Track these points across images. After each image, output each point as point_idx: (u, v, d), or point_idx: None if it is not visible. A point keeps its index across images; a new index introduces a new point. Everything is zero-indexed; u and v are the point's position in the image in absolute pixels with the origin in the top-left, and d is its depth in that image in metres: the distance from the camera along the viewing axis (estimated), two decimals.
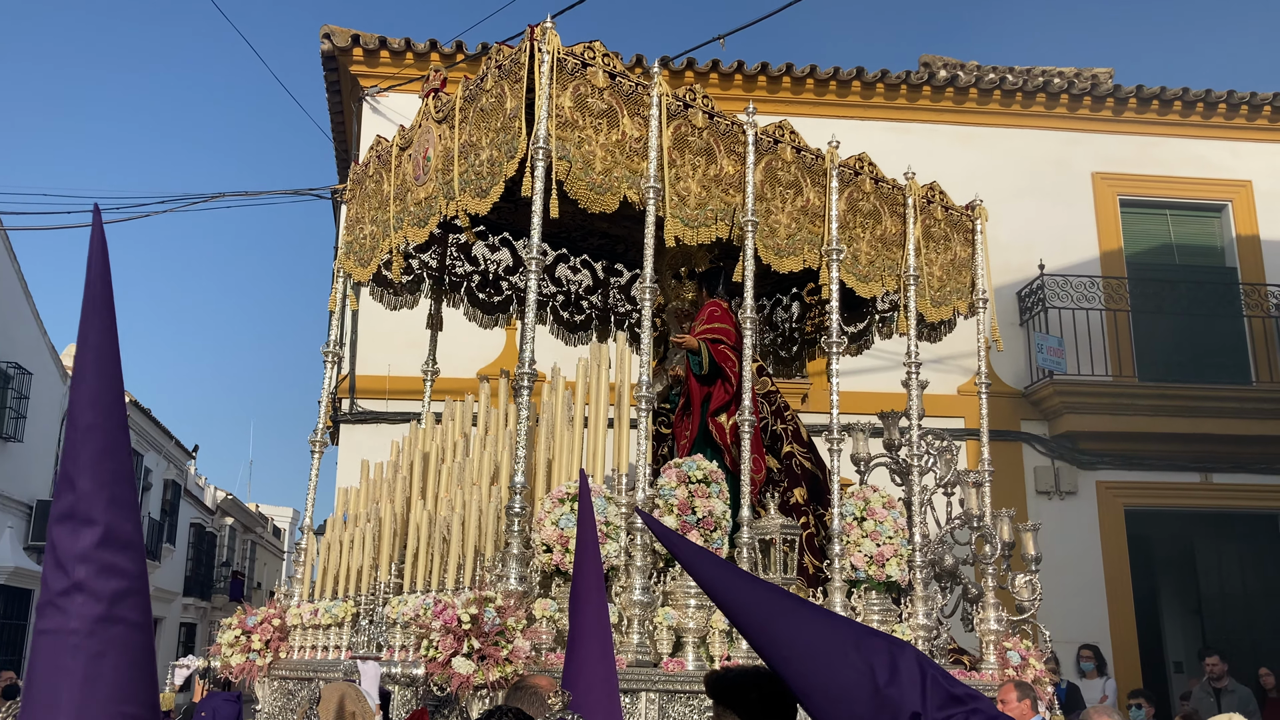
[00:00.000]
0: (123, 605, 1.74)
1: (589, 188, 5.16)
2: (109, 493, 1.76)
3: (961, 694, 2.25)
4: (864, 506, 6.03)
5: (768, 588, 2.47)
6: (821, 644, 2.28)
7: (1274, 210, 13.96)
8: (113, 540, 1.75)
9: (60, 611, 1.71)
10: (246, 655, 6.57)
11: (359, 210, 6.81)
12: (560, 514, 4.76)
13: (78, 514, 1.74)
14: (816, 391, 12.19)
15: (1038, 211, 13.18)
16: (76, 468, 1.76)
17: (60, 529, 1.76)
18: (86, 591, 1.72)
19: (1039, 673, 6.81)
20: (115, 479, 1.78)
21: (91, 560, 1.73)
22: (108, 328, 1.84)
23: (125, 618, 1.74)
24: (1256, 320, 13.39)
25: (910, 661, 2.24)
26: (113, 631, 1.72)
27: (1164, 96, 13.83)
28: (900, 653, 2.26)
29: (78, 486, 1.75)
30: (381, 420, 11.98)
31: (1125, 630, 12.51)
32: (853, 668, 2.22)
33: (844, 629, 2.35)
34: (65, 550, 1.74)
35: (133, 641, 1.75)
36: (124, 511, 1.78)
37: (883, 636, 2.35)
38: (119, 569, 1.74)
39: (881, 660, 2.22)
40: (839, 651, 2.25)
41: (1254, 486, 12.90)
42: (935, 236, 6.82)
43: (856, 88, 13.47)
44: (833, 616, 2.40)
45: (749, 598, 2.39)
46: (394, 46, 12.83)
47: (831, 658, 2.25)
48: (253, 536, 38.82)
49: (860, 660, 2.23)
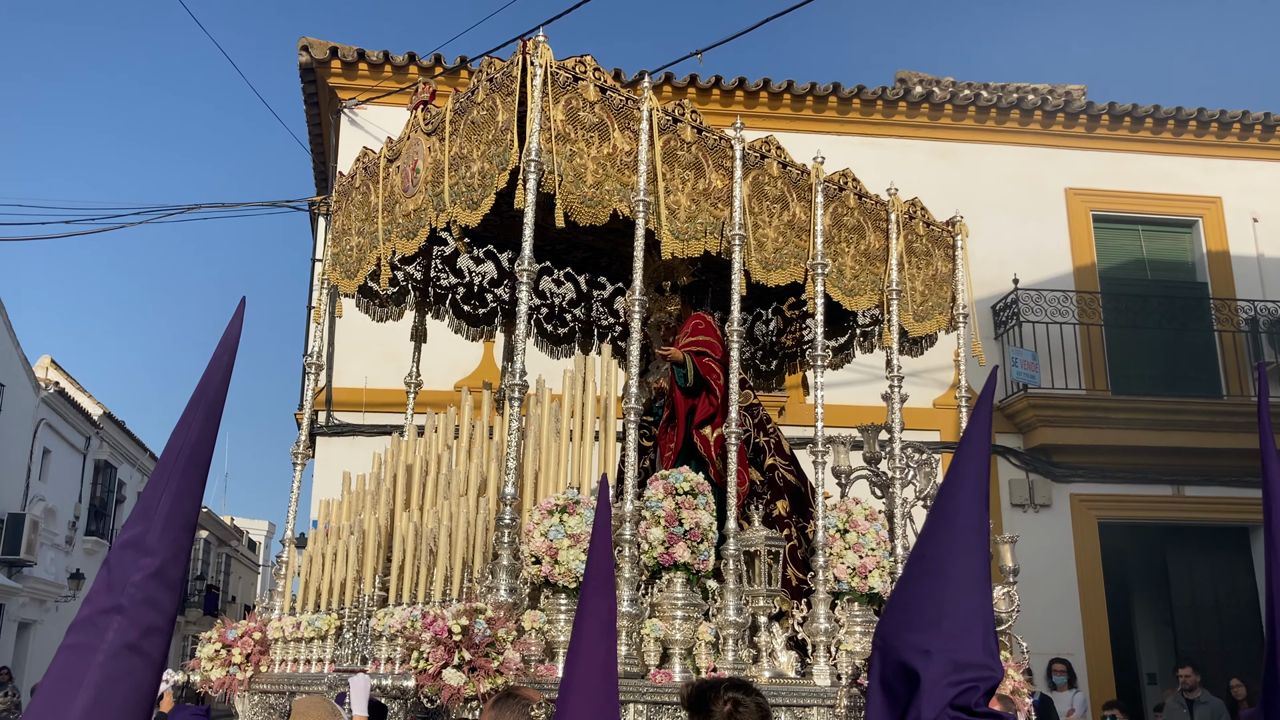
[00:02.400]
0: (151, 640, 1.80)
1: (580, 201, 5.18)
2: (174, 535, 1.86)
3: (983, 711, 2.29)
4: (847, 519, 6.06)
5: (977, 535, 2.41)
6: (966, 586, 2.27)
7: (1243, 226, 14.18)
8: (164, 577, 1.83)
9: (96, 629, 1.77)
10: (227, 669, 6.52)
11: (345, 222, 6.81)
12: (549, 525, 4.77)
13: (143, 544, 1.83)
14: (794, 405, 12.25)
15: (1012, 226, 13.33)
16: (158, 503, 1.86)
17: (123, 553, 1.84)
18: (127, 616, 1.78)
19: (1017, 684, 6.86)
20: (183, 525, 1.88)
21: (141, 589, 1.81)
22: (225, 382, 1.97)
23: (149, 652, 1.80)
24: (1227, 335, 13.57)
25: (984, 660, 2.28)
26: (134, 662, 1.78)
27: (1136, 114, 14.03)
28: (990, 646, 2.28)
29: (152, 519, 1.85)
30: (359, 433, 11.95)
31: (1099, 642, 12.62)
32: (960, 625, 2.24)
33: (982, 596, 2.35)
34: (120, 573, 1.82)
35: (147, 677, 1.81)
36: (181, 556, 1.87)
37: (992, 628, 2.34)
38: (160, 605, 1.82)
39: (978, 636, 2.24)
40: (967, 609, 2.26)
41: (1225, 499, 13.06)
42: (917, 252, 6.88)
43: (833, 103, 13.59)
44: (982, 582, 2.36)
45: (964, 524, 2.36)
46: (372, 59, 12.83)
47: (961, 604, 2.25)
48: (228, 550, 38.56)
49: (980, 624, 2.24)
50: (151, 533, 1.83)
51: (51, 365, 24.08)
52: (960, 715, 2.25)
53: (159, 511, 1.85)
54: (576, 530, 4.78)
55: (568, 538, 4.76)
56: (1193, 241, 14.41)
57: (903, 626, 2.31)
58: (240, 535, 40.95)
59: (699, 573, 5.23)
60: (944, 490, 2.41)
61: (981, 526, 2.36)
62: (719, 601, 5.35)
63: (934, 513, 2.40)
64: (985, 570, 2.35)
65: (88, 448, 24.56)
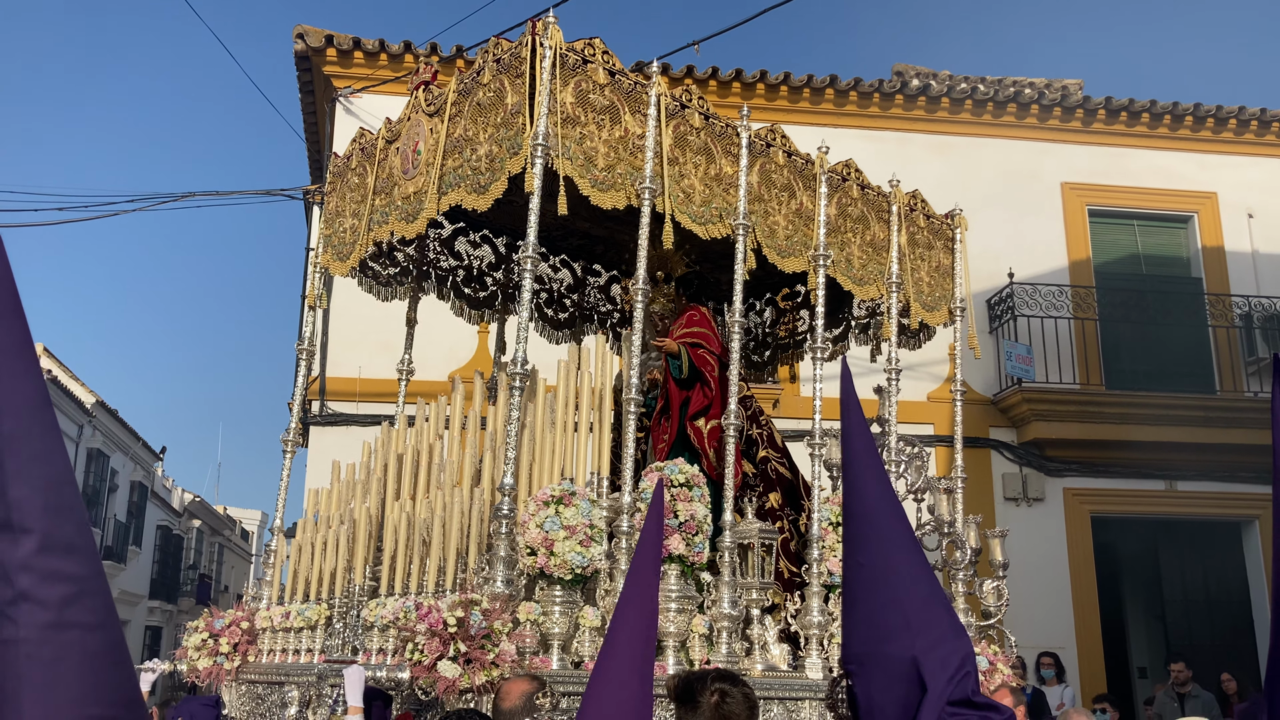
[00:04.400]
0: (73, 609, 1.71)
1: (592, 184, 5.12)
2: (43, 499, 1.73)
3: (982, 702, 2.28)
4: (840, 511, 6.03)
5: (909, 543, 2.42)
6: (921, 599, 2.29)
7: (1238, 222, 14.17)
8: (53, 546, 1.72)
9: (10, 621, 1.68)
10: (214, 659, 6.48)
11: (339, 204, 6.70)
12: (545, 517, 4.72)
13: (13, 524, 1.71)
14: (787, 397, 12.23)
15: (1007, 220, 13.30)
16: (5, 477, 1.72)
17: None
18: (32, 600, 1.69)
19: (1007, 678, 6.85)
20: (49, 485, 1.74)
21: (33, 569, 1.70)
22: (12, 329, 1.77)
23: (78, 622, 1.71)
24: (1221, 330, 13.57)
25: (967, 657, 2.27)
26: (66, 636, 1.69)
27: (1132, 108, 14.00)
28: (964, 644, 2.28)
29: (9, 496, 1.71)
30: (351, 423, 11.89)
31: (1090, 636, 12.63)
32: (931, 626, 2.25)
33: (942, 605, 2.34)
34: (6, 561, 1.70)
35: (91, 644, 1.72)
36: (63, 515, 1.74)
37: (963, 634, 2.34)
38: (64, 574, 1.71)
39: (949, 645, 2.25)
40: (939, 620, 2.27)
41: (1217, 494, 13.07)
42: (920, 244, 6.86)
43: (830, 95, 13.53)
44: (936, 598, 2.37)
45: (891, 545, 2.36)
46: (368, 47, 12.74)
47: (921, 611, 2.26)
48: (220, 539, 38.44)
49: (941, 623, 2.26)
50: (16, 509, 1.70)
51: (44, 353, 23.95)
52: (961, 711, 2.23)
53: (14, 484, 1.71)
54: (572, 522, 4.72)
55: (563, 529, 4.71)
56: (1187, 237, 14.40)
57: (875, 641, 2.30)
58: (233, 525, 40.82)
59: (694, 565, 5.19)
60: (851, 503, 2.42)
61: (900, 517, 2.39)
62: (713, 594, 5.32)
63: (851, 524, 2.42)
64: (921, 556, 2.40)
65: (80, 436, 24.43)
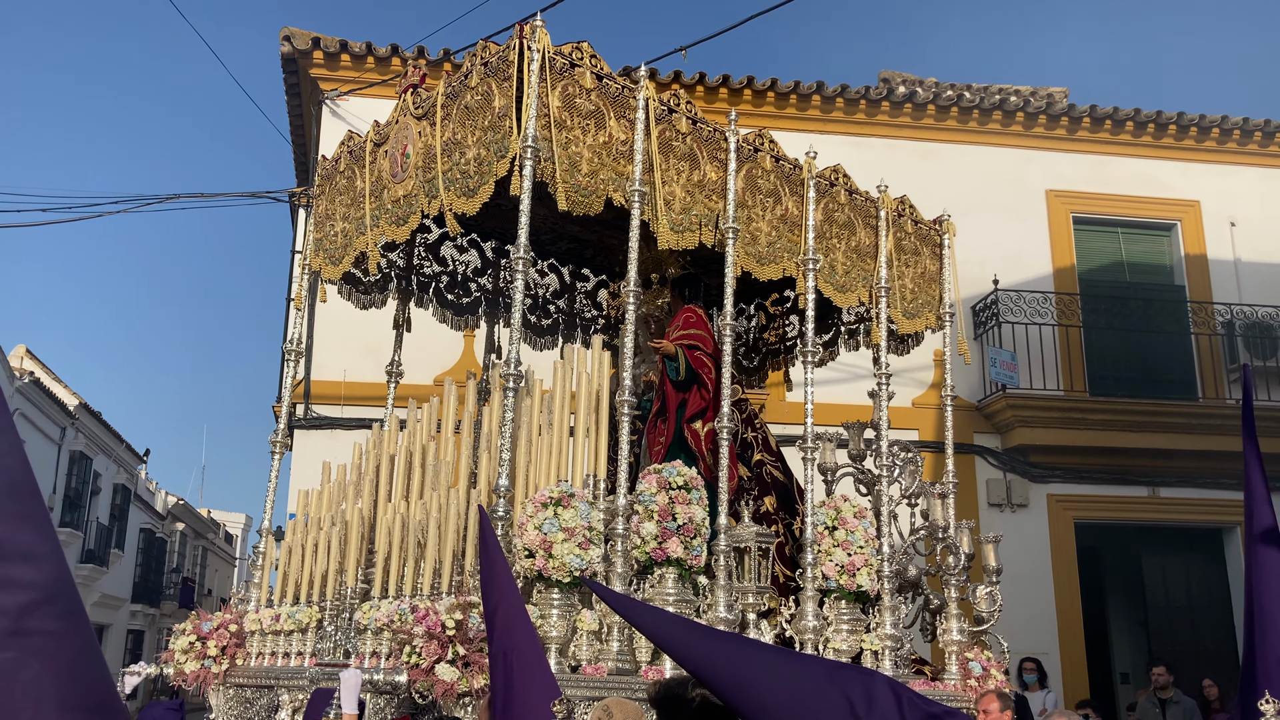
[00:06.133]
0: (33, 617, 1.68)
1: (575, 190, 5.12)
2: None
3: (938, 711, 2.31)
4: (835, 515, 6.04)
5: (729, 636, 2.54)
6: (795, 684, 2.32)
7: (1221, 230, 14.28)
8: (6, 554, 1.69)
9: None
10: (201, 662, 6.42)
11: (329, 207, 6.68)
12: (543, 519, 4.71)
13: None
14: (774, 402, 12.23)
15: (992, 227, 13.34)
16: None
17: None
18: None
19: (1000, 683, 6.88)
20: (1, 492, 1.72)
21: None
22: None
23: (39, 629, 1.69)
24: (1203, 337, 13.65)
25: (884, 688, 2.31)
26: (28, 643, 1.67)
27: (1117, 117, 14.09)
28: (873, 681, 2.33)
29: None
30: (337, 426, 11.82)
31: (1073, 641, 12.67)
32: (831, 702, 2.27)
33: (814, 666, 2.41)
34: None
35: (54, 649, 1.69)
36: (17, 523, 1.72)
37: (852, 668, 2.43)
38: (20, 581, 1.69)
39: (857, 691, 2.27)
40: (814, 689, 2.30)
41: (1200, 500, 13.14)
42: (906, 249, 6.87)
43: (816, 102, 13.57)
44: (800, 656, 2.49)
45: (710, 647, 2.41)
46: (355, 50, 12.70)
47: (807, 696, 2.29)
48: (204, 543, 38.18)
49: (837, 694, 2.28)
50: None
51: (27, 355, 23.76)
52: None
53: None
54: (571, 524, 4.72)
55: (562, 531, 4.71)
56: (1171, 244, 14.50)
57: None
58: (217, 528, 40.56)
59: (691, 568, 5.19)
60: (650, 628, 2.56)
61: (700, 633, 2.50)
62: (710, 598, 5.31)
63: (688, 655, 2.48)
64: (751, 643, 2.56)
65: (63, 438, 24.21)
